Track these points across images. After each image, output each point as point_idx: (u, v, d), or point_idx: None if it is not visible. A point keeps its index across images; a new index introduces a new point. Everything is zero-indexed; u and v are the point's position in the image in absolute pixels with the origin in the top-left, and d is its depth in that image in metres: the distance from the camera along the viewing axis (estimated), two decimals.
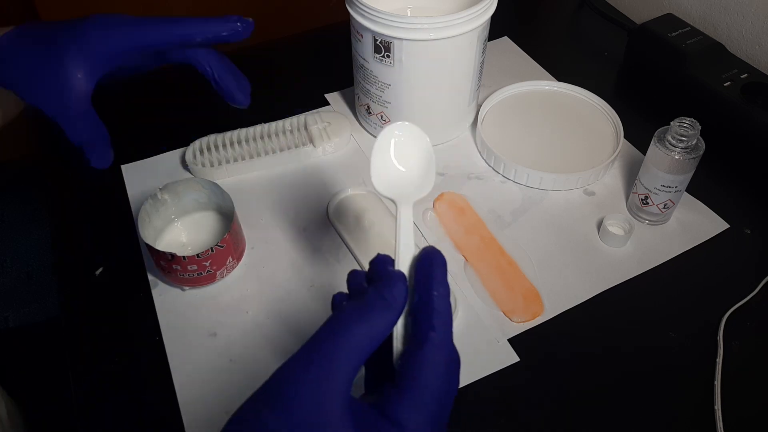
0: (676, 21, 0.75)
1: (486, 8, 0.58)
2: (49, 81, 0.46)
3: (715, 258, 0.58)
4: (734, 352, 0.51)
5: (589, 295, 0.55)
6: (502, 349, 0.51)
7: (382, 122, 0.66)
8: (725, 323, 0.52)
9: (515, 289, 0.55)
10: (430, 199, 0.62)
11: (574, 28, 0.89)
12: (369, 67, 0.62)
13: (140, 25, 0.48)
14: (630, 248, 0.58)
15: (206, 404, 0.48)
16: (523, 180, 0.63)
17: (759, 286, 0.55)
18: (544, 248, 0.58)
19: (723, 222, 0.60)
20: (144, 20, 0.49)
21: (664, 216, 0.59)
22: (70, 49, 0.46)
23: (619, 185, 0.64)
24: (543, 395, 0.49)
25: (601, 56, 0.81)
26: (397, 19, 0.56)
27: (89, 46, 0.47)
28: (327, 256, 0.58)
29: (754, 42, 0.74)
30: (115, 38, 0.48)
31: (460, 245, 0.58)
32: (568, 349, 0.52)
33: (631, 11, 0.87)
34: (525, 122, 0.69)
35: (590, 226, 0.60)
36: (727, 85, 0.67)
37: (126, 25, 0.48)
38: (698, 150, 0.54)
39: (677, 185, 0.56)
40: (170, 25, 0.49)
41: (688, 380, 0.50)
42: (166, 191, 0.55)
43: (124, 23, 0.48)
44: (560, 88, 0.72)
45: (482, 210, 0.62)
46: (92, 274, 0.57)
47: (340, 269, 0.57)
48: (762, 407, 0.49)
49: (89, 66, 0.47)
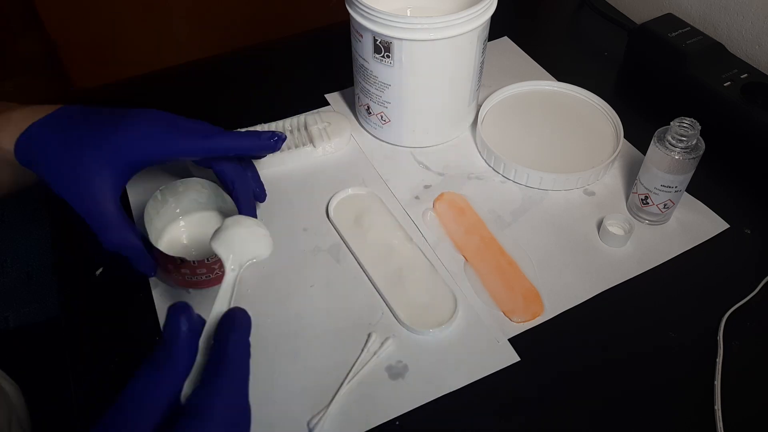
0: (676, 21, 0.75)
1: (486, 8, 0.58)
2: (75, 184, 0.47)
3: (715, 258, 0.58)
4: (734, 352, 0.51)
5: (589, 295, 0.55)
6: (502, 349, 0.51)
7: (382, 122, 0.66)
8: (725, 323, 0.52)
9: (515, 289, 0.55)
10: (430, 200, 0.62)
11: (574, 28, 0.89)
12: (369, 67, 0.62)
13: (173, 137, 0.48)
14: (630, 248, 0.58)
15: None
16: (523, 180, 0.63)
17: (759, 286, 0.55)
18: (544, 248, 0.58)
19: (723, 222, 0.60)
20: (178, 129, 0.49)
21: (664, 216, 0.59)
22: (97, 157, 0.46)
23: (619, 185, 0.64)
24: (543, 395, 0.49)
25: (601, 56, 0.81)
26: (397, 19, 0.56)
27: (116, 156, 0.47)
28: (327, 257, 0.58)
29: (754, 42, 0.74)
30: (145, 150, 0.48)
31: (460, 245, 0.58)
32: (567, 349, 0.52)
33: (631, 11, 0.87)
34: (525, 122, 0.69)
35: (590, 226, 0.60)
36: (727, 85, 0.67)
37: (159, 136, 0.48)
38: (698, 150, 0.54)
39: (677, 185, 0.56)
40: (204, 141, 0.49)
41: (688, 380, 0.50)
42: (166, 191, 0.55)
43: (158, 132, 0.48)
44: (560, 88, 0.72)
45: (482, 210, 0.62)
46: (92, 274, 0.57)
47: (340, 269, 0.57)
48: (762, 407, 0.49)
49: (115, 176, 0.47)
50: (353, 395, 0.48)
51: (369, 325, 0.53)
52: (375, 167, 0.66)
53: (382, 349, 0.50)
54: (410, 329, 0.52)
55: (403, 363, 0.50)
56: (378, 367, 0.50)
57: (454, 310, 0.53)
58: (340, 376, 0.49)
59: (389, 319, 0.53)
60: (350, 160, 0.67)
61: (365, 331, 0.52)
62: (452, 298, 0.54)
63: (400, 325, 0.52)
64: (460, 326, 0.52)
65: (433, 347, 0.51)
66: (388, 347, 0.51)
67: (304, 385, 0.49)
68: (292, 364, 0.50)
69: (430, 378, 0.49)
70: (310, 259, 0.58)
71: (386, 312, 0.53)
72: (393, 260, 0.57)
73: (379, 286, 0.55)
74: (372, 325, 0.53)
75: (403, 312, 0.53)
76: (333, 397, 0.48)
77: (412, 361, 0.50)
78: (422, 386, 0.49)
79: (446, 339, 0.52)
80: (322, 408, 0.47)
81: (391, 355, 0.51)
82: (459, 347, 0.51)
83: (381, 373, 0.50)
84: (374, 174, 0.65)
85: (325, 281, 0.56)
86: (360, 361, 0.50)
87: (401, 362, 0.50)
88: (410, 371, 0.50)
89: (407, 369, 0.50)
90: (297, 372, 0.50)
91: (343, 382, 0.49)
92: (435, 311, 0.53)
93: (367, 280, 0.56)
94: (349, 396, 0.48)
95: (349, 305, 0.54)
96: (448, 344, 0.51)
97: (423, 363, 0.50)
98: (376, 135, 0.68)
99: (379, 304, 0.54)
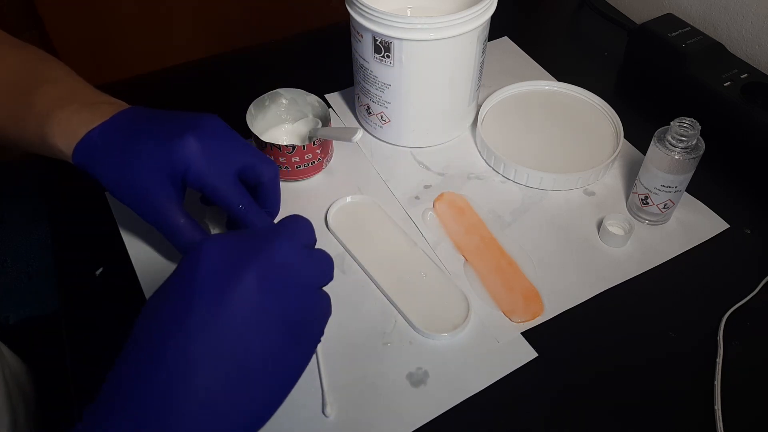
0: (676, 21, 0.75)
1: (486, 8, 0.58)
2: (137, 195, 0.47)
3: (715, 258, 0.58)
4: (734, 352, 0.51)
5: (589, 295, 0.55)
6: (518, 346, 0.51)
7: (382, 122, 0.66)
8: (725, 323, 0.52)
9: (515, 289, 0.55)
10: (430, 200, 0.62)
11: (574, 28, 0.89)
12: (369, 67, 0.62)
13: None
14: (630, 248, 0.58)
15: None
16: (523, 180, 0.63)
17: (759, 286, 0.55)
18: (544, 248, 0.58)
19: (723, 222, 0.60)
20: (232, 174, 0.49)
21: (664, 216, 0.59)
22: (159, 170, 0.47)
23: (619, 185, 0.64)
24: (542, 395, 0.49)
25: (601, 56, 0.81)
26: (397, 19, 0.56)
27: (177, 171, 0.47)
28: None
29: (754, 42, 0.74)
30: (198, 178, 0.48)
31: (460, 245, 0.58)
32: (567, 348, 0.52)
33: (631, 11, 0.87)
34: (525, 122, 0.69)
35: (590, 226, 0.60)
36: (727, 85, 0.67)
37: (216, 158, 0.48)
38: (698, 150, 0.54)
39: (677, 185, 0.56)
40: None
41: (688, 380, 0.50)
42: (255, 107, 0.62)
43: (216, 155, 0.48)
44: (560, 88, 0.72)
45: (482, 210, 0.62)
46: (92, 274, 0.57)
47: (347, 280, 0.56)
48: (762, 407, 0.49)
49: (176, 185, 0.48)
50: (377, 408, 0.47)
51: (384, 334, 0.52)
52: (375, 167, 0.66)
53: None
54: (426, 335, 0.51)
55: (423, 369, 0.50)
56: (399, 376, 0.49)
57: (467, 311, 0.52)
58: (359, 389, 0.48)
59: (403, 326, 0.52)
60: (350, 160, 0.67)
61: (380, 340, 0.51)
62: (464, 299, 0.53)
63: (416, 331, 0.52)
64: (474, 327, 0.52)
65: (450, 350, 0.51)
66: None
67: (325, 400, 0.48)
68: (310, 381, 0.49)
69: (453, 382, 0.49)
70: None
71: (399, 319, 0.53)
72: (399, 266, 0.56)
73: (388, 293, 0.54)
74: (387, 334, 0.52)
75: (417, 318, 0.52)
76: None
77: (431, 367, 0.50)
78: (446, 391, 0.48)
79: (463, 341, 0.51)
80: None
81: (409, 361, 0.50)
82: (476, 348, 0.51)
83: (402, 382, 0.49)
84: (374, 174, 0.65)
85: (334, 293, 0.55)
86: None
87: (421, 369, 0.50)
88: (431, 377, 0.49)
89: (428, 375, 0.49)
90: (315, 389, 0.49)
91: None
92: (449, 314, 0.53)
93: (376, 288, 0.55)
94: (373, 410, 0.47)
95: (361, 316, 0.53)
96: (465, 346, 0.51)
97: (443, 367, 0.50)
98: (376, 135, 0.68)
99: (391, 312, 0.53)
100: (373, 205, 0.61)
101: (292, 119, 0.66)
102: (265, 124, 0.65)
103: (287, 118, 0.66)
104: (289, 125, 0.66)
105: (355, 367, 0.50)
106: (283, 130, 0.66)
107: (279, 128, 0.66)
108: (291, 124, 0.66)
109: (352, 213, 0.61)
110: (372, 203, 0.61)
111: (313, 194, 0.63)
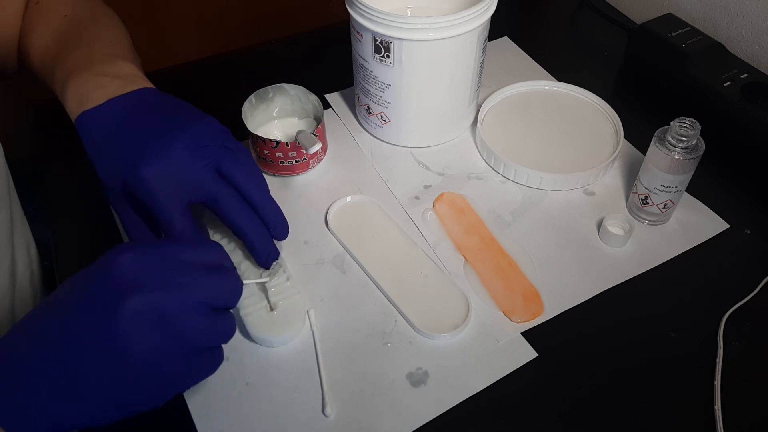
0: (676, 21, 0.75)
1: (486, 8, 0.58)
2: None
3: (715, 258, 0.58)
4: (734, 352, 0.51)
5: (589, 295, 0.55)
6: (518, 346, 0.51)
7: (382, 122, 0.66)
8: (725, 323, 0.52)
9: (515, 289, 0.55)
10: (430, 200, 0.62)
11: (574, 28, 0.89)
12: (369, 67, 0.62)
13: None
14: (630, 248, 0.58)
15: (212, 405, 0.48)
16: (523, 180, 0.63)
17: (759, 286, 0.55)
18: (544, 248, 0.58)
19: (723, 222, 0.60)
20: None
21: (664, 216, 0.59)
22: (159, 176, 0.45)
23: (619, 185, 0.64)
24: (542, 395, 0.49)
25: (601, 56, 0.81)
26: (397, 19, 0.56)
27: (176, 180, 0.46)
28: (332, 268, 0.57)
29: (754, 42, 0.74)
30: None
31: (460, 245, 0.58)
32: (567, 349, 0.52)
33: (631, 11, 0.87)
34: (525, 122, 0.69)
35: (590, 226, 0.60)
36: (727, 85, 0.67)
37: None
38: (698, 150, 0.54)
39: (677, 185, 0.56)
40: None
41: (688, 380, 0.50)
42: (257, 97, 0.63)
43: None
44: (560, 88, 0.72)
45: (482, 210, 0.62)
46: None
47: (347, 280, 0.56)
48: (762, 407, 0.49)
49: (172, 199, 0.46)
50: (377, 408, 0.47)
51: (384, 334, 0.52)
52: (375, 167, 0.66)
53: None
54: (426, 335, 0.51)
55: (423, 369, 0.50)
56: (399, 376, 0.49)
57: (467, 311, 0.53)
58: (359, 389, 0.48)
59: (403, 326, 0.52)
60: (350, 160, 0.67)
61: (380, 340, 0.51)
62: (464, 299, 0.53)
63: (416, 331, 0.52)
64: (474, 327, 0.52)
65: (451, 350, 0.51)
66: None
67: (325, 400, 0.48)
68: (310, 381, 0.49)
69: (453, 382, 0.49)
70: (315, 272, 0.56)
71: (399, 319, 0.53)
72: (399, 266, 0.56)
73: (388, 293, 0.54)
74: (387, 334, 0.52)
75: (417, 318, 0.52)
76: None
77: (431, 367, 0.50)
78: (446, 391, 0.48)
79: (463, 341, 0.51)
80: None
81: (409, 361, 0.50)
82: (476, 348, 0.51)
83: (402, 382, 0.49)
84: (374, 174, 0.65)
85: (334, 293, 0.55)
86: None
87: (421, 369, 0.50)
88: (431, 377, 0.49)
89: (428, 375, 0.49)
90: (315, 389, 0.49)
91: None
92: (449, 314, 0.53)
93: (376, 288, 0.55)
94: (373, 410, 0.47)
95: (361, 316, 0.53)
96: (465, 346, 0.51)
97: (443, 367, 0.50)
98: (376, 135, 0.68)
99: (391, 312, 0.53)
100: (373, 205, 0.61)
101: (288, 115, 0.66)
102: (265, 117, 0.65)
103: (283, 114, 0.66)
104: (285, 120, 0.66)
105: (355, 367, 0.50)
106: (276, 123, 0.67)
107: (273, 122, 0.66)
108: (288, 119, 0.66)
109: (352, 213, 0.61)
110: (372, 203, 0.61)
111: (313, 194, 0.63)
